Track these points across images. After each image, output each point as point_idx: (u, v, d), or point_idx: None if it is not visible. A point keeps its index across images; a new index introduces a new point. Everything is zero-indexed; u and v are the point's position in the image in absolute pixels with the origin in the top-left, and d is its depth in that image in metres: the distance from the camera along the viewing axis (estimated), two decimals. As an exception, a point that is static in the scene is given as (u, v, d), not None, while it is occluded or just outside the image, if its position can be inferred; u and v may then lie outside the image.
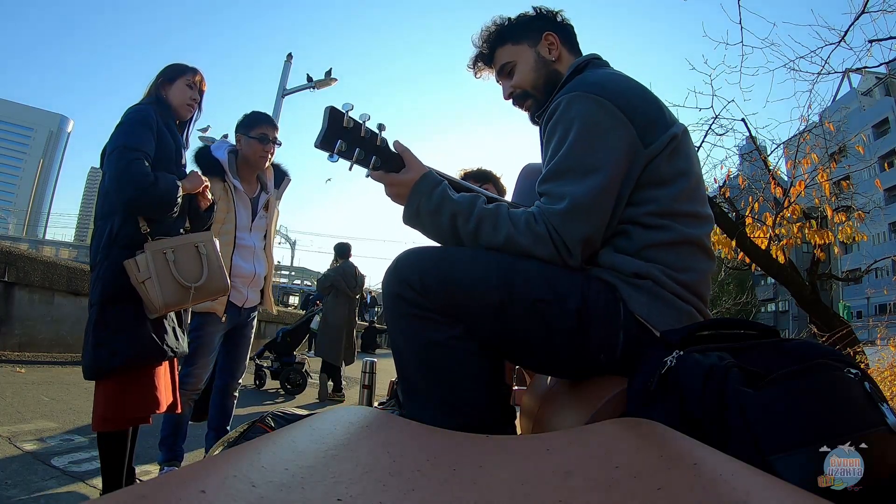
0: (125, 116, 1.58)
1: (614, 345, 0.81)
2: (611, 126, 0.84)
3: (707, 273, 0.90)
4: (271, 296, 2.24)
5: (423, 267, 0.81)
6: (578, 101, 0.86)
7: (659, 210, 0.86)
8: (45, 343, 4.55)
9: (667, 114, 0.92)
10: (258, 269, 2.10)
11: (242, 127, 2.08)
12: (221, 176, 1.98)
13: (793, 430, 0.51)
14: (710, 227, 0.94)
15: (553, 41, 1.05)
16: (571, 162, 0.84)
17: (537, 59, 1.05)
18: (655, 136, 0.86)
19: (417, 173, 0.89)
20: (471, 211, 0.85)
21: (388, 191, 0.92)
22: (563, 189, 0.83)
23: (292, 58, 7.91)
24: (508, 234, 0.83)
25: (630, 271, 0.84)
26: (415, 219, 0.90)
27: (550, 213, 0.82)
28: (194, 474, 0.37)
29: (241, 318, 2.11)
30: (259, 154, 2.05)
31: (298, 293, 19.16)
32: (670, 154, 0.87)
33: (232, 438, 1.25)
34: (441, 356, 0.80)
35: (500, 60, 1.08)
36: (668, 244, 0.85)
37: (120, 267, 1.49)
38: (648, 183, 0.87)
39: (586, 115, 0.85)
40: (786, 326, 28.23)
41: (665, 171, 0.87)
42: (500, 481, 0.46)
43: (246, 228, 2.07)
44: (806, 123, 3.81)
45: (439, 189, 0.88)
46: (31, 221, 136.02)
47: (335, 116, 0.82)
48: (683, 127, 0.92)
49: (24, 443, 2.27)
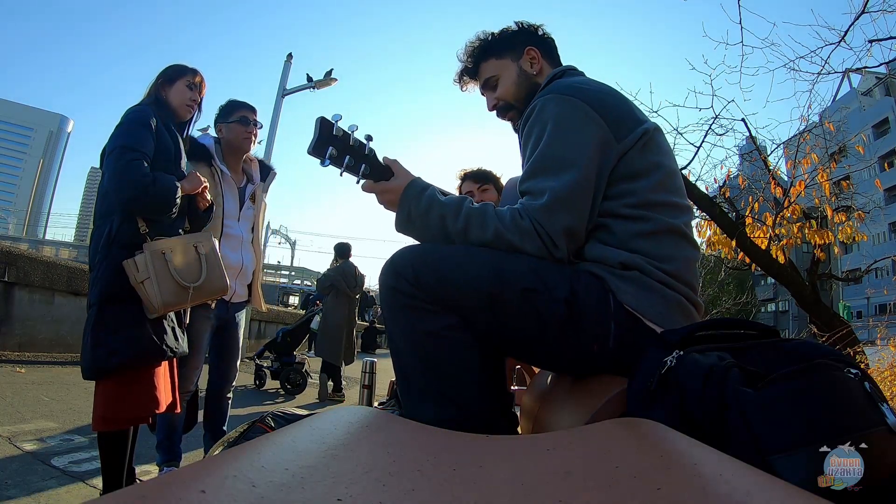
0: (124, 117, 1.58)
1: (606, 335, 0.83)
2: (583, 123, 0.89)
3: (691, 261, 0.93)
4: (260, 292, 2.21)
5: (418, 260, 0.84)
6: (552, 102, 0.91)
7: (637, 202, 0.89)
8: (45, 343, 4.55)
9: (637, 113, 0.97)
10: (245, 261, 2.07)
11: (221, 116, 2.07)
12: (208, 161, 1.97)
13: (793, 430, 0.51)
14: (689, 216, 0.97)
15: (535, 55, 1.09)
16: (548, 159, 0.88)
17: (520, 72, 1.09)
18: (628, 131, 0.90)
19: (406, 180, 0.95)
20: (458, 210, 0.89)
21: (379, 199, 0.97)
22: (542, 185, 0.86)
23: (292, 58, 7.91)
24: (497, 230, 0.86)
25: (617, 262, 0.86)
26: (406, 223, 0.93)
27: (532, 209, 0.85)
28: (194, 474, 0.37)
29: (229, 314, 2.08)
30: (243, 136, 2.04)
31: (298, 293, 19.15)
32: (642, 147, 0.91)
33: (232, 438, 1.24)
34: (436, 346, 0.82)
35: (485, 74, 1.12)
36: (649, 234, 0.88)
37: (119, 267, 1.49)
38: (624, 176, 0.90)
39: (559, 114, 0.90)
40: (786, 326, 28.23)
41: (639, 163, 0.91)
42: (500, 481, 0.46)
43: (234, 217, 2.05)
44: (806, 123, 3.81)
45: (428, 192, 0.93)
46: (31, 221, 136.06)
47: (325, 125, 0.88)
48: (655, 125, 0.97)
49: (24, 443, 2.27)
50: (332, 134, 0.88)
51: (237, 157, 2.10)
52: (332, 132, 0.88)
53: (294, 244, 39.72)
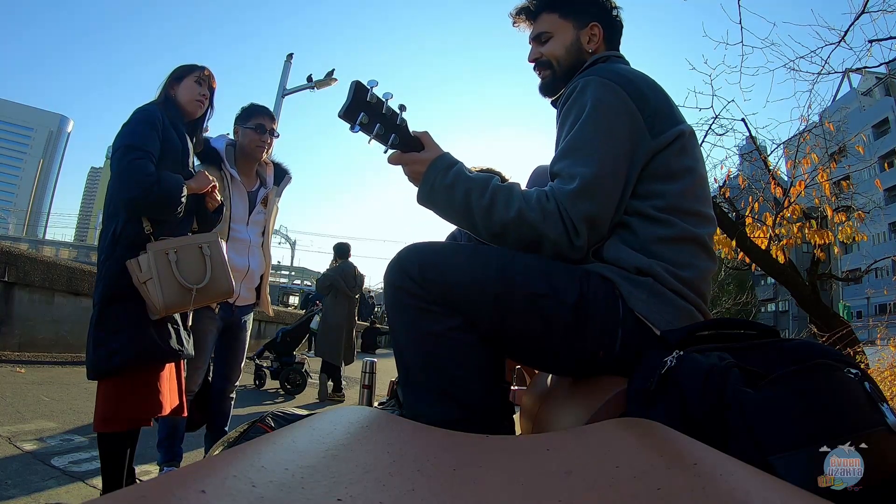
0: (130, 117, 1.58)
1: (612, 342, 0.81)
2: (620, 111, 0.87)
3: (708, 272, 0.91)
4: (268, 297, 2.20)
5: (424, 259, 0.82)
6: (593, 85, 0.89)
7: (664, 205, 0.88)
8: (45, 343, 4.54)
9: (676, 112, 0.95)
10: (252, 265, 2.06)
11: (240, 119, 2.07)
12: (218, 164, 1.97)
13: (793, 430, 0.51)
14: (713, 228, 0.95)
15: (597, 33, 1.05)
16: (581, 143, 0.87)
17: (574, 41, 1.05)
18: (663, 129, 0.89)
19: (435, 153, 0.92)
20: (485, 187, 0.87)
21: (406, 170, 0.94)
22: (573, 169, 0.85)
23: (293, 58, 7.92)
24: (520, 209, 0.84)
25: (633, 266, 0.84)
26: (429, 195, 0.91)
27: (561, 193, 0.84)
28: (194, 474, 0.37)
29: (234, 317, 2.07)
30: (256, 143, 2.03)
31: (298, 293, 19.15)
32: (680, 150, 0.90)
33: (232, 438, 1.24)
34: (439, 347, 0.81)
35: (541, 26, 1.07)
36: (672, 240, 0.87)
37: (122, 267, 1.49)
38: (655, 176, 0.89)
39: (598, 98, 0.88)
40: (786, 326, 28.21)
41: (674, 165, 0.89)
42: (499, 481, 0.46)
43: (241, 221, 2.04)
44: (806, 123, 3.81)
45: (456, 167, 0.91)
46: (31, 221, 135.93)
47: (360, 90, 0.85)
48: (690, 128, 0.95)
49: (24, 443, 2.27)
50: (366, 100, 0.85)
51: (250, 161, 2.09)
52: (365, 98, 0.85)
53: (294, 244, 39.78)
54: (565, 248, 0.84)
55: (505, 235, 0.87)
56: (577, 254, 0.86)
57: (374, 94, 0.86)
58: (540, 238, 0.84)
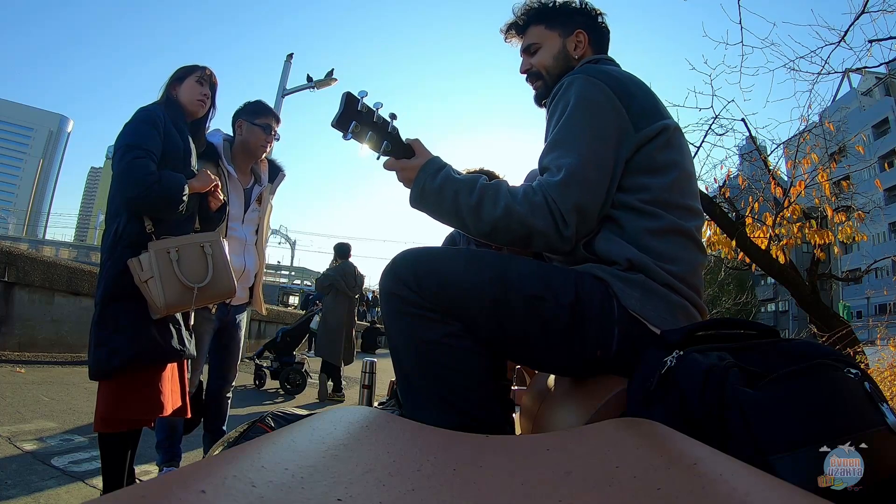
0: (132, 117, 1.58)
1: (609, 340, 0.82)
2: (603, 105, 0.89)
3: (697, 264, 0.93)
4: (261, 295, 2.18)
5: (419, 266, 0.82)
6: (577, 83, 0.92)
7: (650, 198, 0.89)
8: (45, 343, 4.54)
9: (661, 108, 0.97)
10: (248, 264, 2.05)
11: (246, 113, 2.03)
12: (215, 160, 1.94)
13: (793, 430, 0.51)
14: (700, 221, 0.97)
15: (583, 40, 1.09)
16: (566, 136, 0.89)
17: (562, 50, 1.09)
18: (646, 123, 0.91)
19: (425, 158, 0.95)
20: (472, 187, 0.89)
21: (399, 176, 0.96)
22: (559, 161, 0.87)
23: (293, 57, 7.92)
24: (507, 205, 0.85)
25: (624, 258, 0.86)
26: (420, 198, 0.93)
27: (548, 185, 0.85)
28: (194, 474, 0.37)
29: (229, 315, 2.07)
30: (260, 142, 2.02)
31: (298, 293, 19.14)
32: (664, 144, 0.92)
33: (232, 438, 1.24)
34: (438, 354, 0.81)
35: (530, 38, 1.12)
36: (659, 232, 0.88)
37: (123, 266, 1.49)
38: (640, 169, 0.90)
39: (581, 93, 0.91)
40: (786, 326, 28.23)
41: (658, 159, 0.91)
42: (499, 481, 0.46)
43: (238, 218, 2.02)
44: (806, 123, 3.81)
45: (444, 170, 0.93)
46: (31, 221, 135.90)
47: (350, 101, 0.89)
48: (676, 124, 0.96)
49: (24, 443, 2.27)
50: (357, 109, 0.89)
51: (248, 158, 2.06)
52: (356, 108, 0.89)
53: (294, 244, 39.76)
54: (554, 239, 0.85)
55: (495, 232, 0.88)
56: (567, 245, 0.87)
57: (365, 104, 0.90)
58: (529, 231, 0.85)
